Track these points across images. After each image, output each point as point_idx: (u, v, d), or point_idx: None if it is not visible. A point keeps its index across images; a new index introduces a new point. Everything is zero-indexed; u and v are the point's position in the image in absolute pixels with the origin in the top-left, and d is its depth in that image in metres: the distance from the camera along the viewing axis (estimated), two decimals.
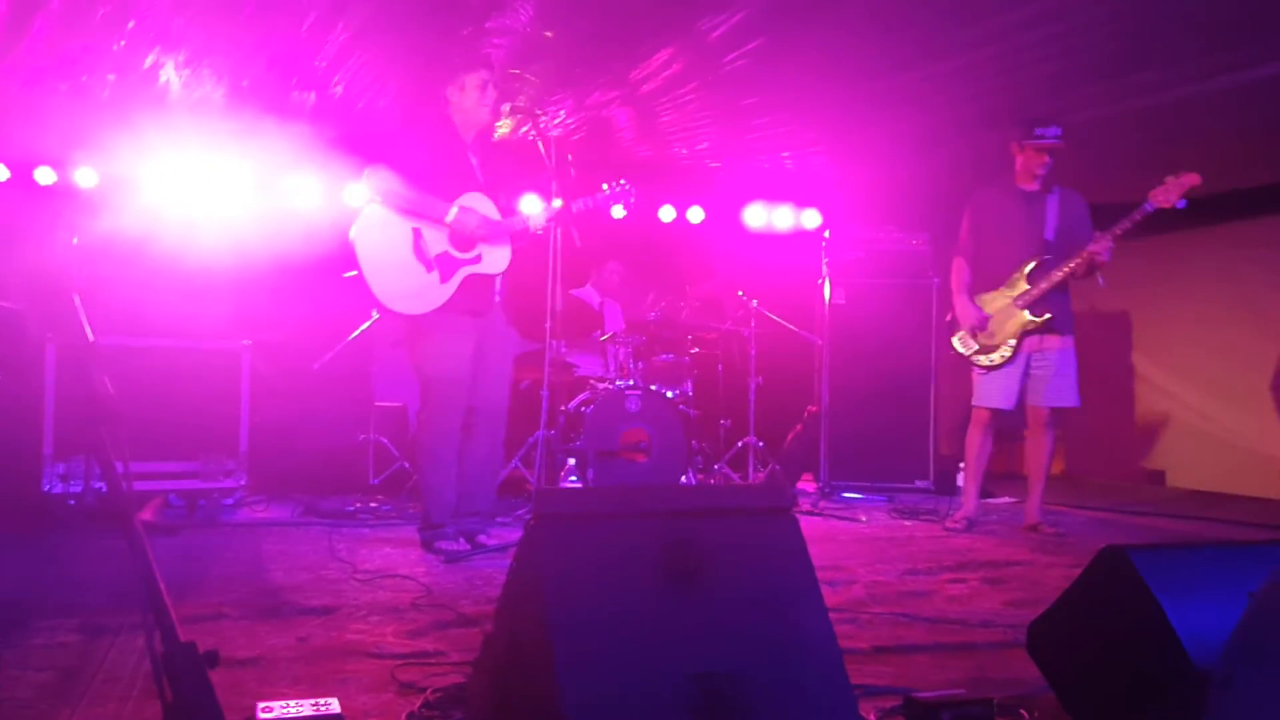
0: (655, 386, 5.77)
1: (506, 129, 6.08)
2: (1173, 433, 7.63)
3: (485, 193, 4.18)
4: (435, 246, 4.07)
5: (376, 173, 4.06)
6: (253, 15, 4.56)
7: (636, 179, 4.49)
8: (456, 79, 4.12)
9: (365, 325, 5.84)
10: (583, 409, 5.56)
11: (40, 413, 4.62)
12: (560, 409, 5.61)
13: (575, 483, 5.50)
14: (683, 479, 5.64)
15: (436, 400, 4.11)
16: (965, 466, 5.24)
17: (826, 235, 6.84)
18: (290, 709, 2.05)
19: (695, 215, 7.69)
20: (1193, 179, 4.49)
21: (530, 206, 5.63)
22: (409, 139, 4.18)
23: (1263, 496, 6.73)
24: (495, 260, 4.16)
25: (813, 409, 6.75)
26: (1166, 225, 6.37)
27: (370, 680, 2.41)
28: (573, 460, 5.49)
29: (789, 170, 7.37)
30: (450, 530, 4.12)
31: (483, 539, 4.18)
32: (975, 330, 4.95)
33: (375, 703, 2.25)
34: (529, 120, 4.35)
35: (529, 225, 4.18)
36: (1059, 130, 4.83)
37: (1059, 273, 4.76)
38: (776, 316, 6.41)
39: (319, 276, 5.73)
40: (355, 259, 4.03)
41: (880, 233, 6.70)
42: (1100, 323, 7.69)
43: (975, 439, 5.07)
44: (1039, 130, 4.83)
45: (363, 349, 6.12)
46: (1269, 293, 6.91)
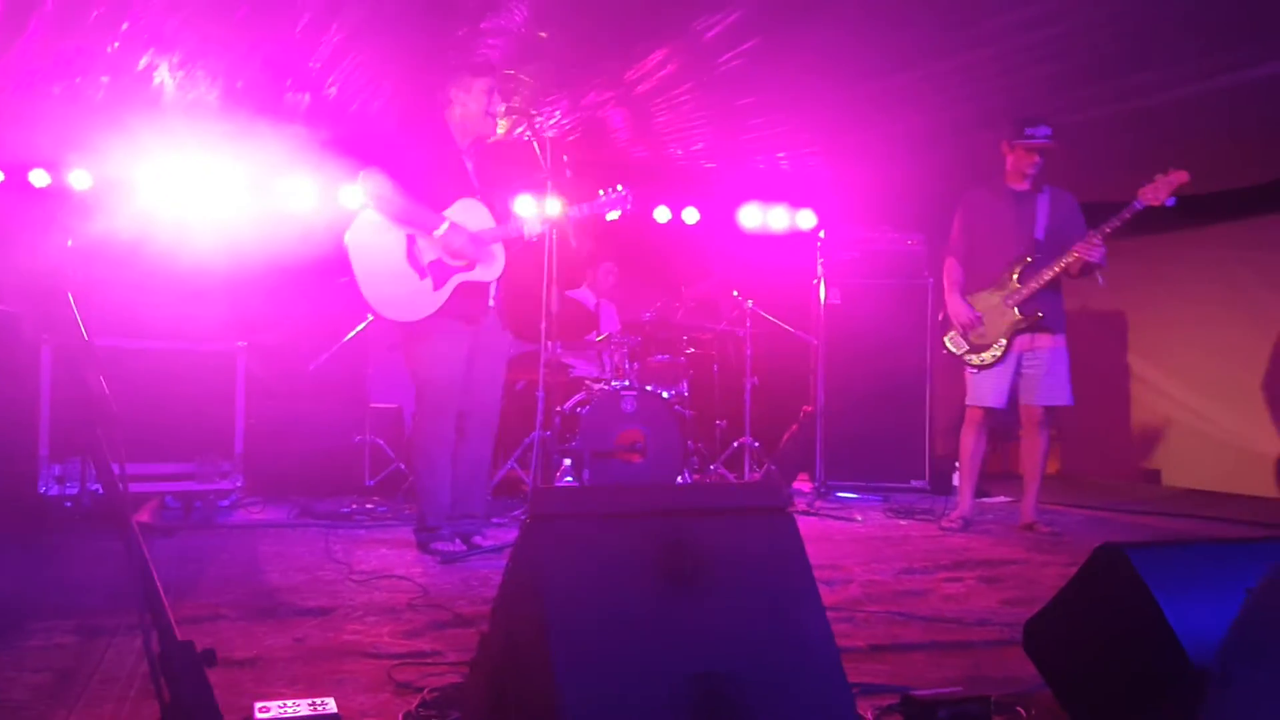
0: (651, 387, 5.77)
1: (502, 130, 6.08)
2: (1168, 432, 7.65)
3: (480, 197, 4.17)
4: (428, 254, 4.06)
5: (371, 177, 4.05)
6: (247, 17, 4.56)
7: (632, 179, 4.49)
8: (462, 80, 4.10)
9: (360, 327, 5.83)
10: (578, 410, 5.56)
11: (36, 414, 4.60)
12: (556, 410, 5.61)
13: (571, 483, 5.50)
14: (679, 479, 5.65)
15: (431, 404, 4.12)
16: (960, 466, 5.25)
17: (822, 236, 6.85)
18: (288, 709, 2.05)
19: (690, 216, 7.69)
20: (1181, 176, 4.51)
21: (525, 210, 5.64)
22: (404, 142, 4.18)
23: (1257, 495, 6.75)
24: (487, 268, 4.15)
25: (808, 409, 6.75)
26: (1161, 225, 6.41)
27: (367, 680, 2.41)
28: (568, 461, 5.49)
29: (784, 171, 7.38)
30: (446, 532, 4.12)
31: (478, 540, 4.18)
32: (967, 329, 4.96)
33: (372, 702, 2.25)
34: (524, 121, 4.35)
35: (523, 232, 4.17)
36: (1049, 130, 4.84)
37: (1049, 272, 4.77)
38: (772, 317, 6.41)
39: (314, 278, 5.73)
40: (349, 264, 4.04)
41: (875, 233, 6.71)
42: (1095, 322, 7.70)
43: (969, 438, 5.08)
44: (1029, 130, 4.85)
45: (358, 350, 6.11)
46: (1264, 292, 6.93)
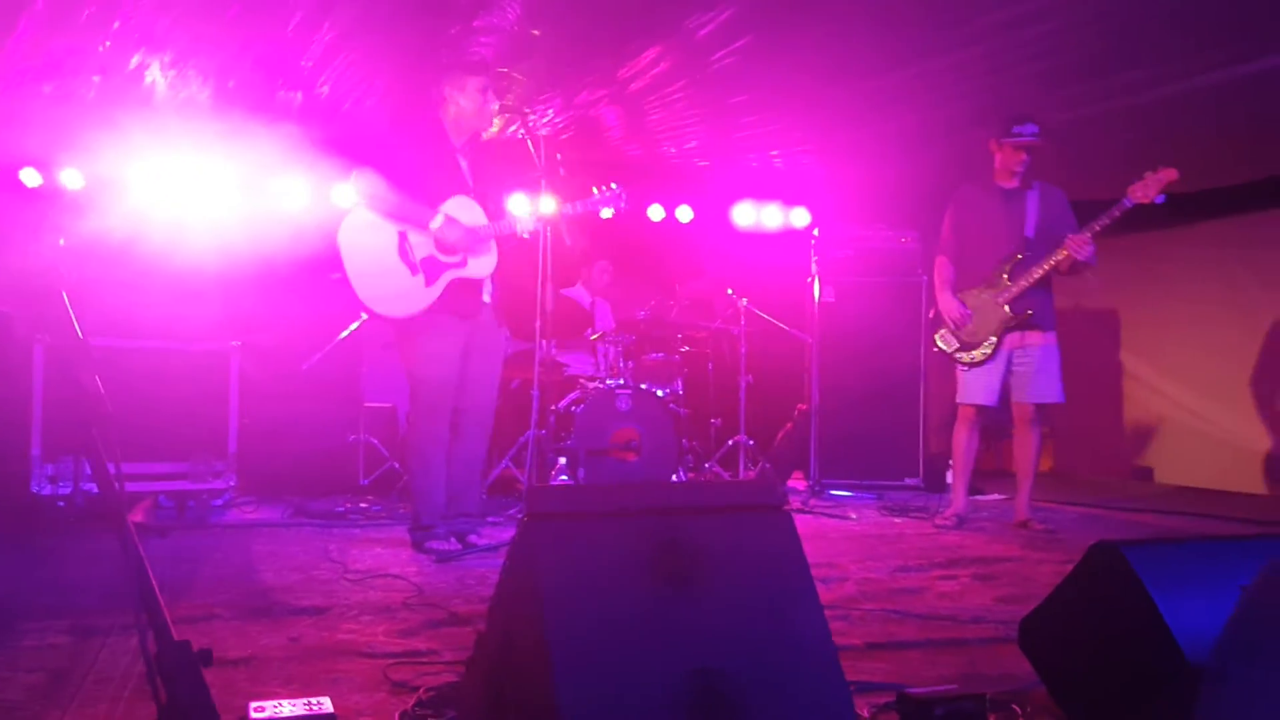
0: (646, 385, 5.77)
1: (495, 128, 6.07)
2: (1161, 429, 7.67)
3: (474, 195, 4.17)
4: (420, 250, 4.06)
5: (363, 176, 4.05)
6: (238, 15, 4.54)
7: (625, 178, 4.49)
8: (457, 78, 4.09)
9: (354, 326, 5.83)
10: (573, 408, 5.56)
11: (28, 414, 4.58)
12: (551, 408, 5.60)
13: (566, 482, 5.49)
14: (673, 477, 5.65)
15: (425, 402, 4.11)
16: (953, 464, 5.26)
17: (816, 234, 6.85)
18: (283, 709, 2.04)
19: (684, 214, 7.68)
20: (1170, 174, 4.52)
21: (518, 208, 5.62)
22: (397, 141, 4.17)
23: (1249, 492, 6.78)
24: (480, 265, 4.14)
25: (803, 407, 6.76)
26: (1153, 223, 6.43)
27: (363, 680, 2.40)
28: (563, 459, 5.49)
29: (778, 169, 7.37)
30: (441, 530, 4.12)
31: (473, 539, 4.18)
32: (958, 326, 4.97)
33: (368, 702, 2.24)
34: (518, 119, 4.34)
35: (516, 230, 4.16)
36: (1036, 128, 4.85)
37: (1039, 270, 4.78)
38: (766, 315, 6.41)
39: (307, 277, 5.71)
40: (340, 262, 4.03)
41: (870, 231, 6.71)
42: (1088, 320, 7.72)
43: (962, 436, 5.09)
44: (1016, 128, 4.86)
45: (352, 350, 6.10)
46: (1256, 290, 6.96)
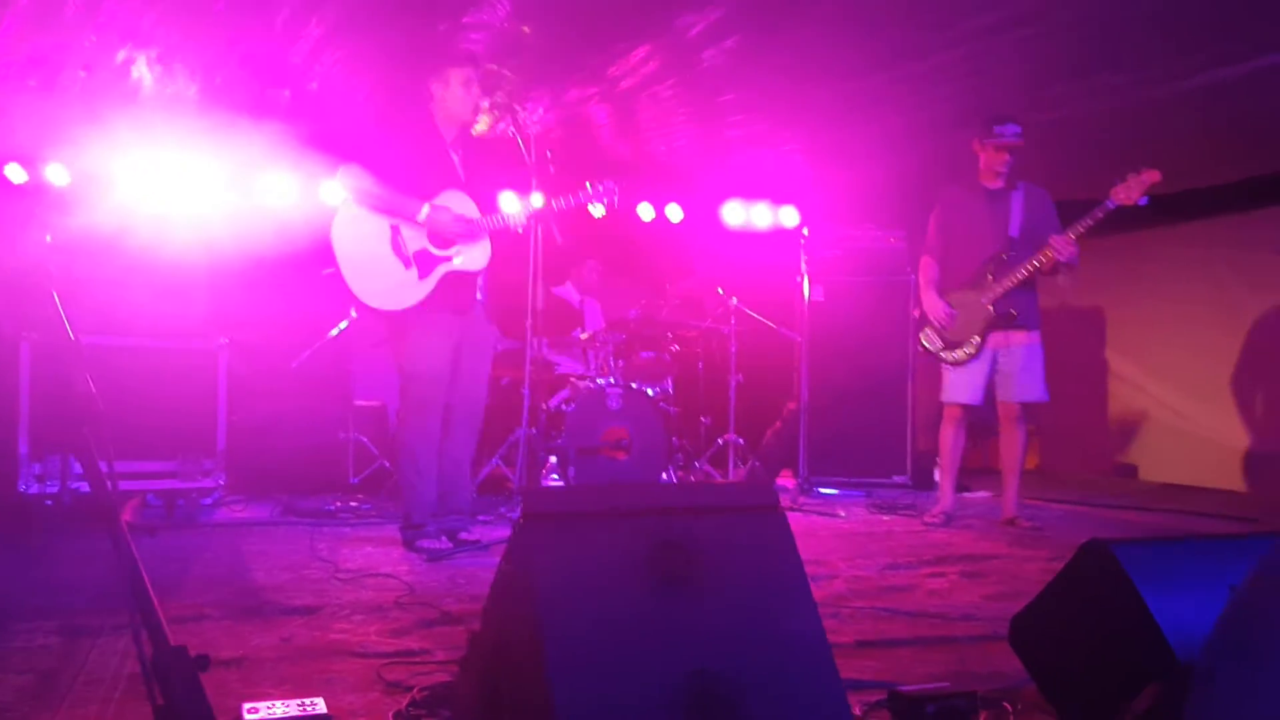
0: (636, 384, 5.77)
1: (485, 125, 6.06)
2: (1145, 428, 7.73)
3: (466, 190, 4.16)
4: (413, 243, 4.05)
5: (349, 171, 4.04)
6: (224, 11, 4.52)
7: (615, 176, 4.48)
8: (441, 72, 4.08)
9: (343, 324, 5.81)
10: (564, 407, 5.56)
11: (15, 412, 4.55)
12: (541, 407, 5.61)
13: (556, 481, 5.50)
14: (663, 476, 5.66)
15: (416, 397, 4.09)
16: (941, 461, 5.29)
17: (805, 233, 6.87)
18: (276, 709, 2.03)
19: (674, 213, 7.69)
20: (1153, 176, 4.54)
21: (510, 204, 5.62)
22: (386, 136, 4.15)
23: (1231, 489, 6.83)
24: (473, 258, 4.14)
25: (792, 405, 6.78)
26: (1137, 223, 6.47)
27: (356, 679, 2.40)
28: (554, 458, 5.49)
29: (766, 168, 7.39)
30: (431, 529, 4.11)
31: (464, 536, 4.17)
32: (943, 326, 5.00)
33: (361, 702, 2.24)
34: (507, 116, 4.32)
35: (509, 224, 4.16)
36: (1018, 128, 4.87)
37: (1023, 270, 4.80)
38: (756, 314, 6.42)
39: (296, 274, 5.69)
40: (333, 256, 4.02)
41: (858, 230, 6.74)
42: (1073, 319, 7.77)
43: (948, 434, 5.12)
44: (998, 129, 4.88)
45: (341, 347, 6.08)
46: (1239, 289, 7.01)
